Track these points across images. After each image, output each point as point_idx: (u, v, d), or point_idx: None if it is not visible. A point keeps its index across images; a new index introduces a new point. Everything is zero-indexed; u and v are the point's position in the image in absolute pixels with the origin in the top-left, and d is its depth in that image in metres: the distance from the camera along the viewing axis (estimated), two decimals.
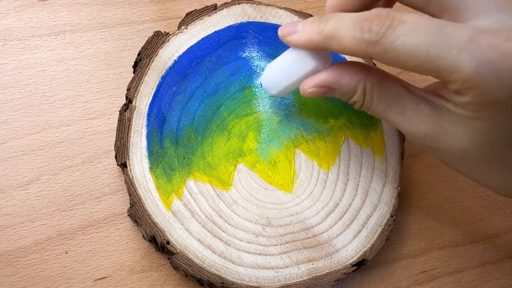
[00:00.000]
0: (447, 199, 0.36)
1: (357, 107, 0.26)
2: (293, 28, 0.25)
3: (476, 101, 0.21)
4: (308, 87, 0.26)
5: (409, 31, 0.20)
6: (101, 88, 0.34)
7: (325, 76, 0.25)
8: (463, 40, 0.20)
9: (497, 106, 0.20)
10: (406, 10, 0.22)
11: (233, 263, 0.28)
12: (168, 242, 0.28)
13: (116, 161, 0.29)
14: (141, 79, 0.31)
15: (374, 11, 0.22)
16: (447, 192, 0.36)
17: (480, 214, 0.36)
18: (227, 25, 0.33)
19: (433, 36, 0.20)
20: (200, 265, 0.28)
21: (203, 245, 0.28)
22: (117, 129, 0.30)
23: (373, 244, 0.30)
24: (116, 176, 0.32)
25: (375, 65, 0.33)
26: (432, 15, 0.22)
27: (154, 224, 0.28)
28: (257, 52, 0.33)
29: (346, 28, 0.22)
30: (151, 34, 0.32)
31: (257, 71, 0.32)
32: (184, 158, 0.30)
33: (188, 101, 0.31)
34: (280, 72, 0.27)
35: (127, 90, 0.30)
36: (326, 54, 0.26)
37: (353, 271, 0.30)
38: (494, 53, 0.19)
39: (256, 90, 0.32)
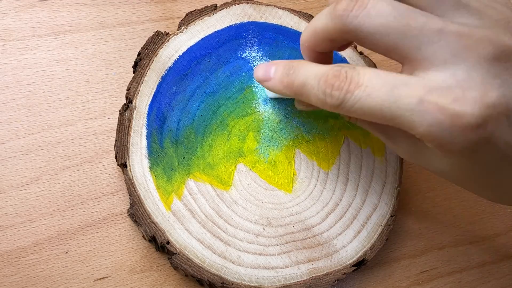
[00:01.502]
0: (447, 199, 0.36)
1: (346, 120, 0.28)
2: (266, 74, 0.27)
3: (438, 149, 0.22)
4: (299, 104, 0.29)
5: (364, 96, 0.22)
6: (101, 88, 0.34)
7: None
8: (414, 102, 0.21)
9: (457, 153, 0.21)
10: None
11: (233, 263, 0.28)
12: (168, 242, 0.28)
13: (116, 161, 0.29)
14: (141, 79, 0.31)
15: (335, 70, 0.23)
16: (447, 192, 0.36)
17: (480, 214, 0.36)
18: (227, 25, 0.33)
19: (385, 99, 0.21)
20: (200, 265, 0.28)
21: (203, 245, 0.28)
22: (117, 129, 0.30)
23: (373, 244, 0.30)
24: (116, 176, 0.32)
25: None
26: (395, 60, 0.23)
27: (154, 224, 0.28)
28: (257, 52, 0.33)
29: (311, 88, 0.24)
30: (151, 34, 0.32)
31: None
32: (184, 158, 0.30)
33: (188, 101, 0.31)
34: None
35: (127, 90, 0.30)
36: None
37: (353, 271, 0.30)
38: (443, 115, 0.20)
39: (256, 90, 0.32)
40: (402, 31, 0.22)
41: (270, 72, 0.27)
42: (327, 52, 0.27)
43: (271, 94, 0.32)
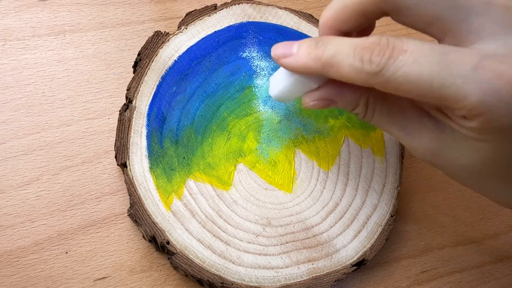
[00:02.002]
0: (447, 199, 0.36)
1: (359, 118, 0.26)
2: (288, 50, 0.24)
3: (482, 127, 0.20)
4: (310, 100, 0.25)
5: (410, 61, 0.20)
6: (101, 88, 0.34)
7: (326, 90, 0.25)
8: (467, 68, 0.19)
9: (503, 131, 0.20)
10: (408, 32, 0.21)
11: (233, 263, 0.28)
12: (168, 242, 0.28)
13: (116, 161, 0.29)
14: (141, 79, 0.31)
15: (374, 39, 0.21)
16: (447, 192, 0.36)
17: (480, 214, 0.36)
18: (227, 25, 0.33)
19: (435, 65, 0.19)
20: (200, 265, 0.28)
21: (203, 245, 0.28)
22: (117, 129, 0.30)
23: (373, 244, 0.30)
24: (116, 176, 0.32)
25: None
26: (434, 37, 0.22)
27: (154, 224, 0.28)
28: (257, 52, 0.33)
29: (345, 56, 0.21)
30: (151, 34, 0.32)
31: (257, 71, 0.32)
32: (184, 158, 0.30)
33: (188, 101, 0.31)
34: (285, 90, 0.26)
35: (127, 90, 0.30)
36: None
37: (353, 271, 0.30)
38: (500, 81, 0.19)
39: (256, 90, 0.32)
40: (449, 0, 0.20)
41: (293, 48, 0.24)
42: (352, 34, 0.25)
43: (276, 91, 0.27)
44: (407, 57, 0.20)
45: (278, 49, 0.24)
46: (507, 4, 0.20)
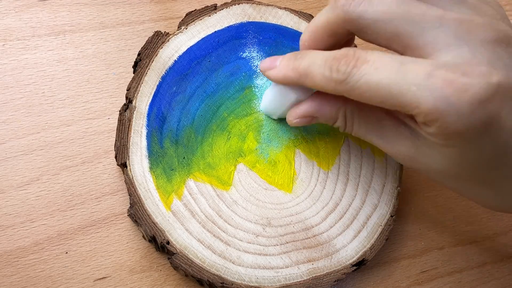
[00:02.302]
0: (447, 199, 0.36)
1: (341, 130, 0.28)
2: (272, 63, 0.27)
3: (440, 132, 0.21)
4: (293, 118, 0.28)
5: (371, 70, 0.21)
6: (101, 88, 0.34)
7: (306, 107, 0.27)
8: (421, 76, 0.21)
9: (461, 135, 0.21)
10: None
11: (233, 263, 0.28)
12: (168, 242, 0.28)
13: (116, 161, 0.29)
14: (141, 79, 0.31)
15: (343, 51, 0.23)
16: (447, 192, 0.36)
17: (480, 214, 0.36)
18: (227, 25, 0.33)
19: (393, 73, 0.21)
20: (200, 265, 0.28)
21: (203, 245, 0.28)
22: (117, 129, 0.30)
23: (373, 244, 0.30)
24: (116, 176, 0.32)
25: None
26: (397, 51, 0.23)
27: (154, 224, 0.28)
28: (257, 52, 0.33)
29: (317, 67, 0.24)
30: (151, 34, 0.32)
31: (257, 71, 0.32)
32: (184, 158, 0.30)
33: (188, 101, 0.31)
34: (271, 103, 0.30)
35: (127, 90, 0.30)
36: (306, 89, 0.28)
37: (353, 271, 0.30)
38: (450, 88, 0.20)
39: (256, 90, 0.32)
40: (404, 17, 0.22)
41: (276, 61, 0.27)
42: None
43: (264, 105, 0.31)
44: (369, 66, 0.22)
45: (265, 63, 0.28)
46: (460, 17, 0.22)
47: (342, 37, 0.25)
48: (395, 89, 0.21)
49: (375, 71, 0.21)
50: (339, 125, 0.27)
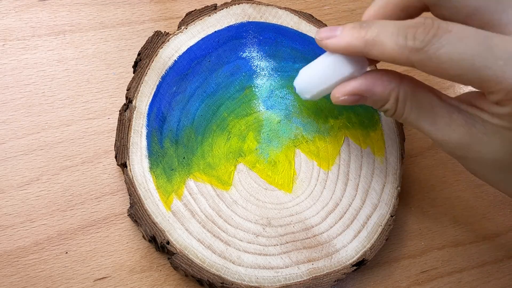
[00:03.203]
0: (447, 199, 0.36)
1: (388, 115, 0.26)
2: (331, 33, 0.25)
3: None
4: (340, 94, 0.26)
5: (454, 40, 0.20)
6: (101, 88, 0.34)
7: (358, 84, 0.25)
8: (510, 51, 0.20)
9: None
10: None
11: (233, 263, 0.28)
12: (168, 242, 0.28)
13: (116, 161, 0.29)
14: (141, 79, 0.31)
15: (419, 19, 0.22)
16: (447, 192, 0.36)
17: (480, 214, 0.36)
18: (227, 25, 0.33)
19: (479, 46, 0.20)
20: (200, 265, 0.28)
21: (203, 245, 0.28)
22: (117, 129, 0.30)
23: (373, 244, 0.30)
24: (116, 176, 0.32)
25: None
26: (473, 26, 0.22)
27: (154, 224, 0.28)
28: (257, 52, 0.33)
29: (389, 34, 0.22)
30: (151, 34, 0.32)
31: (257, 71, 0.32)
32: (184, 158, 0.30)
33: (188, 101, 0.31)
34: (315, 77, 0.27)
35: (127, 90, 0.30)
36: (363, 60, 0.26)
37: (353, 271, 0.30)
38: None
39: (256, 90, 0.32)
40: None
41: (337, 31, 0.25)
42: None
43: (305, 97, 0.28)
44: (452, 36, 0.20)
45: (323, 32, 0.25)
46: None
47: (413, 14, 0.24)
48: (479, 62, 0.20)
49: (458, 41, 0.20)
50: (388, 107, 0.25)
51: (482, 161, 0.24)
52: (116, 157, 0.29)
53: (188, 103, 0.31)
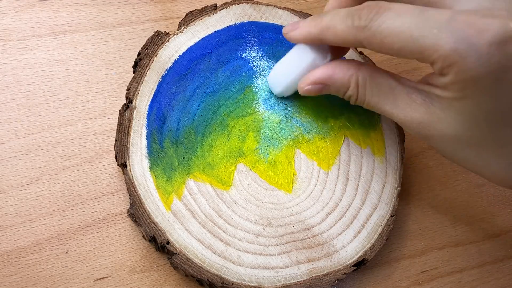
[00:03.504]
0: (447, 199, 0.36)
1: (353, 102, 0.28)
2: (295, 26, 0.28)
3: (458, 79, 0.22)
4: (304, 84, 0.28)
5: (394, 16, 0.23)
6: (101, 88, 0.34)
7: (319, 73, 0.28)
8: (442, 20, 0.21)
9: (478, 82, 0.22)
10: None
11: (233, 263, 0.28)
12: (168, 242, 0.28)
13: (116, 161, 0.29)
14: (141, 79, 0.31)
15: (366, 3, 0.24)
16: (447, 192, 0.36)
17: (480, 214, 0.36)
18: (227, 25, 0.33)
19: (415, 18, 0.22)
20: (200, 265, 0.28)
21: (203, 245, 0.28)
22: (117, 129, 0.30)
23: (373, 244, 0.30)
24: (116, 176, 0.32)
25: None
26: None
27: (154, 224, 0.28)
28: (257, 52, 0.33)
29: (339, 18, 0.25)
30: (151, 34, 0.32)
31: (257, 71, 0.32)
32: (184, 158, 0.30)
33: (188, 101, 0.31)
34: (283, 69, 0.30)
35: (127, 90, 0.30)
36: (325, 50, 0.29)
37: (353, 271, 0.30)
38: (471, 29, 0.21)
39: (256, 90, 0.32)
40: None
41: (299, 23, 0.28)
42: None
43: (276, 91, 0.31)
44: (391, 13, 0.23)
45: (288, 26, 0.29)
46: None
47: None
48: (416, 33, 0.22)
49: (397, 16, 0.22)
50: (351, 93, 0.27)
51: (445, 138, 0.25)
52: (116, 157, 0.29)
53: (188, 103, 0.31)
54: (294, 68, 0.29)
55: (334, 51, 0.29)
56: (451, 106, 0.23)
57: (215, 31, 0.32)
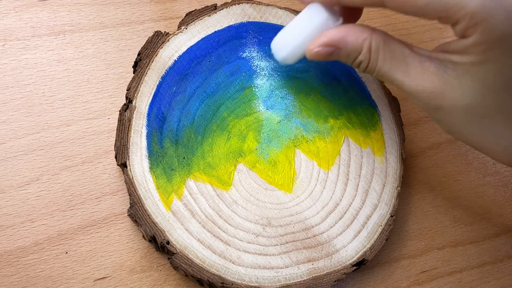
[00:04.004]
0: (447, 199, 0.36)
1: (362, 68, 0.27)
2: None
3: (483, 40, 0.21)
4: (314, 46, 0.26)
5: None
6: (101, 88, 0.34)
7: (331, 34, 0.26)
8: None
9: (504, 43, 0.21)
10: None
11: (233, 263, 0.28)
12: (168, 242, 0.28)
13: (116, 161, 0.29)
14: (141, 79, 0.31)
15: None
16: (447, 192, 0.36)
17: (480, 214, 0.36)
18: (227, 25, 0.33)
19: None
20: (200, 265, 0.28)
21: (203, 245, 0.28)
22: (117, 129, 0.30)
23: (373, 244, 0.30)
24: (116, 176, 0.32)
25: None
26: None
27: (154, 224, 0.28)
28: (257, 52, 0.33)
29: None
30: (151, 34, 0.32)
31: (257, 71, 0.32)
32: (184, 158, 0.30)
33: (188, 101, 0.31)
34: (291, 31, 0.28)
35: (127, 90, 0.30)
36: (336, 13, 0.27)
37: (353, 271, 0.30)
38: None
39: (256, 90, 0.32)
40: None
41: None
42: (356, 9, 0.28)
43: (280, 56, 0.29)
44: None
45: None
46: None
47: None
48: None
49: None
50: (362, 59, 0.26)
51: (456, 109, 0.24)
52: (116, 157, 0.29)
53: (188, 103, 0.31)
54: (304, 29, 0.27)
55: (346, 17, 0.28)
56: (467, 73, 0.23)
57: (215, 31, 0.32)
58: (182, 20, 0.33)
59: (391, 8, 0.23)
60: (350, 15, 0.28)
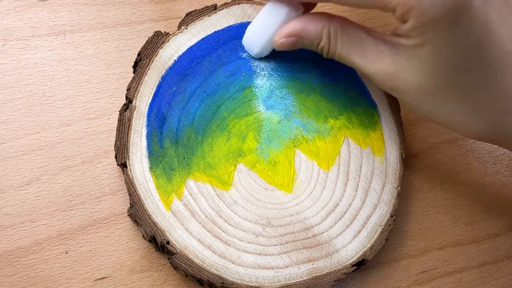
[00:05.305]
0: (447, 199, 0.36)
1: (325, 54, 0.29)
2: None
3: (417, 24, 0.23)
4: (279, 38, 0.29)
5: None
6: (101, 88, 0.34)
7: (293, 25, 0.28)
8: None
9: (436, 25, 0.22)
10: None
11: (233, 263, 0.28)
12: (168, 242, 0.28)
13: (116, 161, 0.29)
14: (141, 79, 0.31)
15: None
16: (447, 192, 0.36)
17: (480, 214, 0.36)
18: (227, 25, 0.33)
19: None
20: (200, 265, 0.28)
21: (203, 245, 0.28)
22: (117, 129, 0.30)
23: (373, 244, 0.30)
24: (116, 176, 0.32)
25: None
26: None
27: (154, 224, 0.28)
28: None
29: None
30: (151, 34, 0.32)
31: (257, 71, 0.32)
32: (184, 158, 0.30)
33: (188, 101, 0.31)
34: (258, 29, 0.30)
35: (127, 90, 0.30)
36: (297, 5, 0.29)
37: (353, 271, 0.30)
38: None
39: (256, 90, 0.32)
40: None
41: None
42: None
43: (254, 52, 0.32)
44: None
45: None
46: None
47: None
48: None
49: None
50: (323, 45, 0.28)
51: (411, 89, 0.26)
52: (116, 157, 0.29)
53: (188, 103, 0.31)
54: (270, 25, 0.30)
55: (305, 6, 0.30)
56: (414, 55, 0.24)
57: (215, 31, 0.32)
58: (182, 20, 0.33)
59: (335, 2, 0.25)
60: (308, 5, 0.30)
